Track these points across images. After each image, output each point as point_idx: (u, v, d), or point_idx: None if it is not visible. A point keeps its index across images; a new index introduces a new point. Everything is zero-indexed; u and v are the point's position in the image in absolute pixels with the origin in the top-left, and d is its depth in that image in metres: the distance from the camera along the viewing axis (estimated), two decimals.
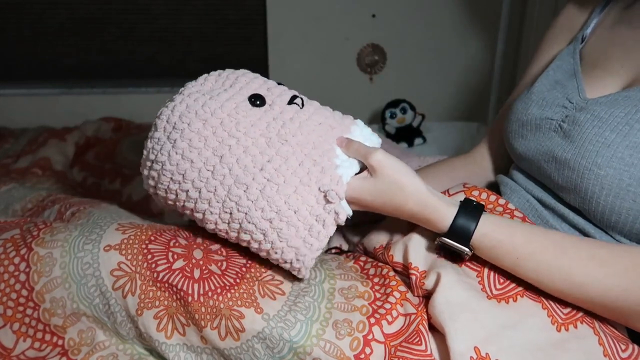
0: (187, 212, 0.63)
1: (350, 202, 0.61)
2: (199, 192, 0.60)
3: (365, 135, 0.65)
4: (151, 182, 0.64)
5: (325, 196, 0.59)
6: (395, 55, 2.06)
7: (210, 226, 0.62)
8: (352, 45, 2.04)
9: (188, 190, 0.60)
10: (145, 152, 0.64)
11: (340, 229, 0.82)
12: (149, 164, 0.63)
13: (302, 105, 0.65)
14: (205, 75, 0.67)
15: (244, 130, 0.60)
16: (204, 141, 0.59)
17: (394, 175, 0.59)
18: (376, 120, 2.05)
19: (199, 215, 0.62)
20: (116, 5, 1.97)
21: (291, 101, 0.64)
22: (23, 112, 2.00)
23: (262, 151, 0.59)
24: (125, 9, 1.98)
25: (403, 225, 0.67)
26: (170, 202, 0.64)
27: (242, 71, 0.68)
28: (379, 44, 2.04)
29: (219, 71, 0.68)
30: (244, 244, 0.62)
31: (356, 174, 0.62)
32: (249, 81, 0.66)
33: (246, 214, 0.58)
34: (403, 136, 1.75)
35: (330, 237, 0.61)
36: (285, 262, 0.59)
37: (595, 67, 0.67)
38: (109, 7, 1.97)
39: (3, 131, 1.69)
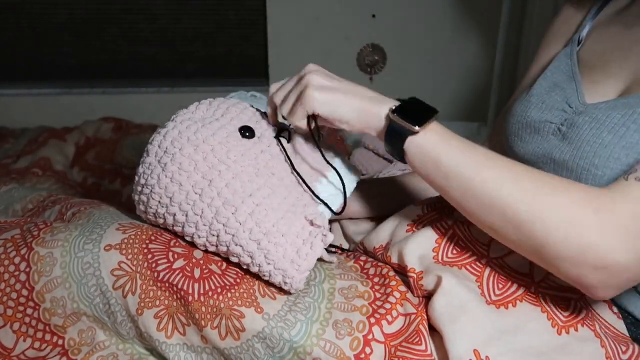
0: (179, 235, 0.64)
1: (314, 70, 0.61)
2: (186, 215, 0.60)
3: (343, 173, 0.67)
4: (142, 207, 0.65)
5: (312, 222, 0.60)
6: (395, 55, 2.06)
7: (200, 249, 0.63)
8: (352, 45, 2.04)
9: (175, 214, 0.61)
10: (136, 178, 0.65)
11: (340, 228, 0.82)
12: (139, 188, 0.64)
13: (289, 139, 0.68)
14: (196, 103, 0.68)
15: (234, 158, 0.61)
16: (194, 165, 0.60)
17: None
18: None
19: (187, 239, 0.63)
20: (116, 5, 1.97)
21: (279, 134, 0.67)
22: (23, 112, 2.00)
23: (250, 179, 0.61)
24: (125, 9, 1.98)
25: (402, 226, 0.67)
26: (161, 227, 0.65)
27: (232, 101, 0.70)
28: (379, 44, 2.04)
29: (209, 100, 0.69)
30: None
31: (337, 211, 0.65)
32: (239, 112, 0.68)
33: (233, 235, 0.59)
34: None
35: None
36: (274, 283, 0.60)
37: (593, 70, 0.67)
38: (109, 7, 1.97)
39: (3, 131, 1.69)
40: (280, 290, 0.61)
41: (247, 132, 0.65)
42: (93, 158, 1.36)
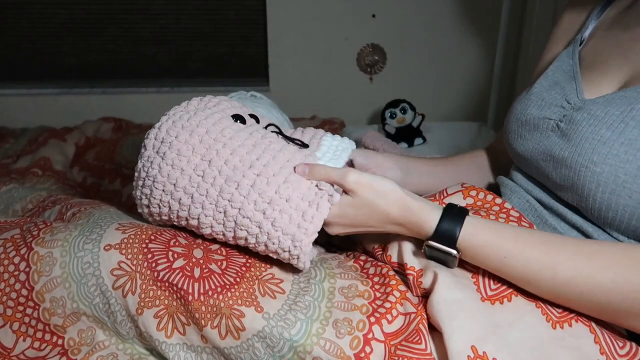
0: (183, 222, 0.65)
1: (334, 222, 0.61)
2: (191, 197, 0.61)
3: (336, 143, 0.71)
4: (144, 201, 0.65)
5: (317, 185, 0.61)
6: (395, 55, 2.06)
7: (206, 230, 0.63)
8: (352, 45, 2.04)
9: (180, 199, 0.62)
10: (136, 174, 0.66)
11: None
12: (140, 182, 0.65)
13: (279, 130, 0.70)
14: (187, 100, 0.71)
15: (229, 135, 0.63)
16: (192, 149, 0.62)
17: (374, 186, 0.59)
18: (376, 120, 2.05)
19: (194, 222, 0.63)
20: (116, 5, 1.97)
21: (267, 126, 0.70)
22: (23, 112, 2.00)
23: (249, 151, 0.62)
24: (125, 9, 1.98)
25: None
26: (165, 217, 0.65)
27: (223, 97, 0.72)
28: (379, 44, 2.04)
29: (200, 97, 0.72)
30: (242, 242, 0.62)
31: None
32: (230, 106, 0.70)
33: (240, 209, 0.60)
34: (403, 136, 1.75)
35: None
36: (284, 250, 0.60)
37: (593, 69, 0.68)
38: (109, 7, 1.97)
39: (3, 131, 1.69)
40: (280, 289, 0.61)
41: (238, 119, 0.67)
42: (93, 158, 1.36)
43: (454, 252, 0.57)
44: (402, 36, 2.03)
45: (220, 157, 0.61)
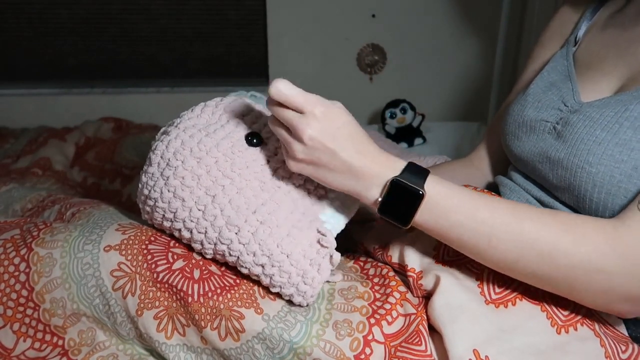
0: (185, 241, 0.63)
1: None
2: (190, 232, 0.59)
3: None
4: (147, 216, 0.64)
5: (319, 241, 0.59)
6: (395, 55, 2.06)
7: (209, 258, 0.63)
8: (352, 45, 2.04)
9: (180, 230, 0.60)
10: (140, 186, 0.63)
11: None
12: (143, 198, 0.63)
13: None
14: (202, 105, 0.65)
15: (238, 171, 0.59)
16: (197, 180, 0.58)
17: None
18: (376, 120, 2.05)
19: (196, 252, 0.62)
20: (116, 5, 1.97)
21: None
22: (23, 112, 2.00)
23: (256, 194, 0.59)
24: (125, 9, 1.98)
25: None
26: (168, 234, 0.65)
27: (237, 104, 0.67)
28: (379, 44, 2.04)
29: (215, 101, 0.66)
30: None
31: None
32: (244, 116, 0.65)
33: (238, 258, 0.58)
34: (403, 136, 1.75)
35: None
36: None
37: (589, 69, 0.68)
38: (109, 7, 1.97)
39: (3, 131, 1.69)
40: None
41: (254, 138, 0.62)
42: (93, 158, 1.36)
43: (421, 190, 0.53)
44: (402, 36, 2.03)
45: (226, 194, 0.58)
